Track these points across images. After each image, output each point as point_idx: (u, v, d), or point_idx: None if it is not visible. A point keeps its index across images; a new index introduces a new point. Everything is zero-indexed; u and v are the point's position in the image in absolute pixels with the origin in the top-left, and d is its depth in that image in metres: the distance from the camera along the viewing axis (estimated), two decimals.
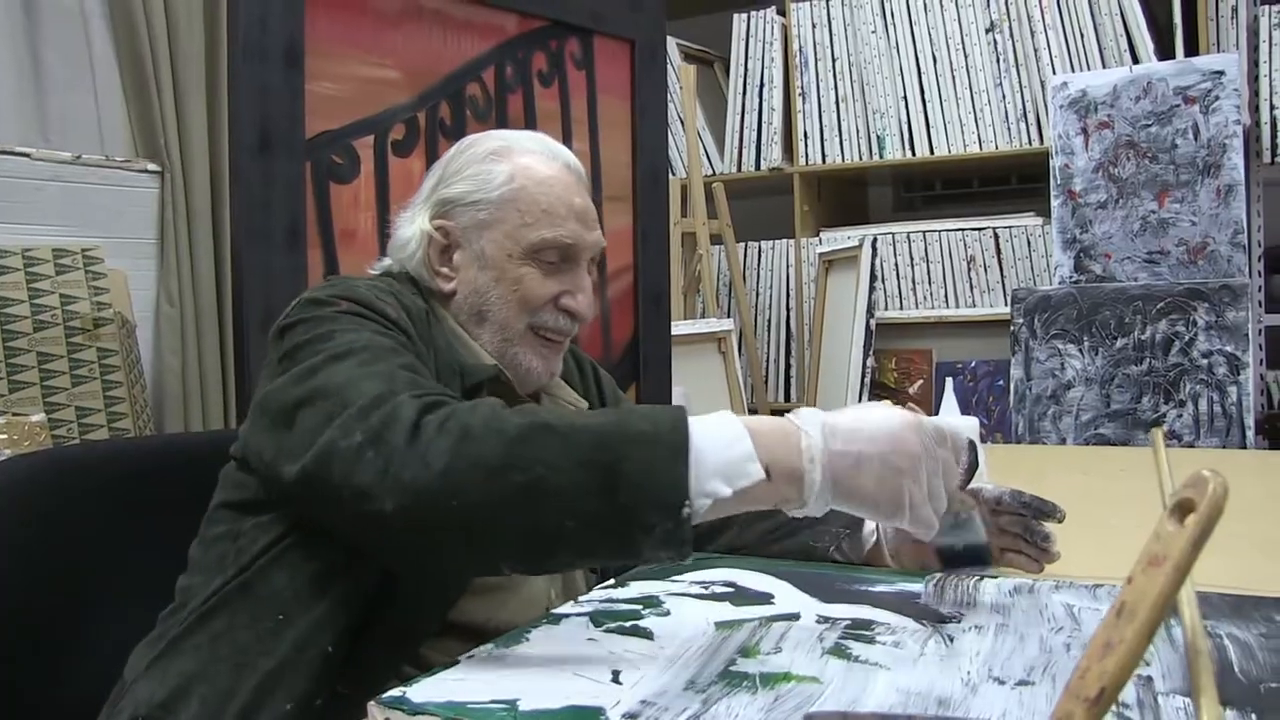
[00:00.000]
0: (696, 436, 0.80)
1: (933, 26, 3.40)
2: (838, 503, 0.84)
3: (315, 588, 0.94)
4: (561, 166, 1.15)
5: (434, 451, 0.81)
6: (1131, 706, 0.69)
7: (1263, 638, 0.83)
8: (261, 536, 0.96)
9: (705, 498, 0.80)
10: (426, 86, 1.91)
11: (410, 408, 0.84)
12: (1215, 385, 2.63)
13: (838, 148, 3.57)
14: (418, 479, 0.81)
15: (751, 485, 0.81)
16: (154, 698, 0.93)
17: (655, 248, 2.39)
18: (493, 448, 0.80)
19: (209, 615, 0.95)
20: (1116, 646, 0.47)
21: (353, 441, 0.84)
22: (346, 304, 1.00)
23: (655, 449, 0.79)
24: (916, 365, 3.50)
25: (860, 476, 0.83)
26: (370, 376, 0.89)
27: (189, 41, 2.43)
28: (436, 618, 0.99)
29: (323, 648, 0.92)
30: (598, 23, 2.22)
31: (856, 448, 0.83)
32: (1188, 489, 0.49)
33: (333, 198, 1.77)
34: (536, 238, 1.10)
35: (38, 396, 1.98)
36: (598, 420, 0.83)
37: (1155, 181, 2.82)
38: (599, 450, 0.79)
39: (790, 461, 0.82)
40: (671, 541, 0.79)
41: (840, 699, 0.71)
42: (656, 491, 0.78)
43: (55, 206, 2.20)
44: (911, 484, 0.83)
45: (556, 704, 0.70)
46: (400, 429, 0.83)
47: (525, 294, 1.11)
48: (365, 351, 0.93)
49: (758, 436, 0.82)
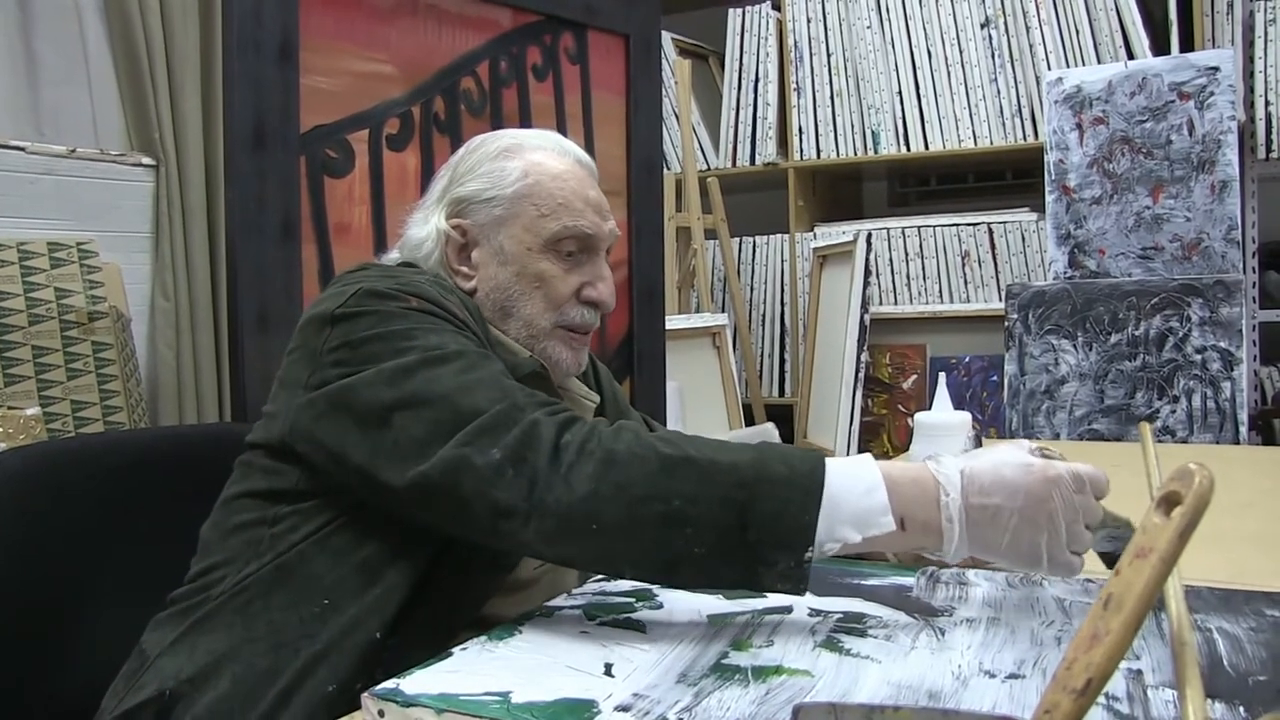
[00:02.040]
0: (833, 482, 0.83)
1: (928, 22, 3.40)
2: (974, 552, 0.86)
3: (362, 575, 0.95)
4: (573, 161, 1.16)
5: (577, 475, 0.84)
6: (1121, 699, 0.69)
7: (1252, 631, 0.84)
8: (303, 524, 0.97)
9: (834, 542, 0.83)
10: (421, 81, 1.91)
11: (549, 427, 0.87)
12: (1209, 381, 2.64)
13: (832, 143, 3.57)
14: (561, 501, 0.84)
15: (882, 535, 0.84)
16: (181, 673, 0.94)
17: (649, 242, 2.39)
18: (637, 477, 0.83)
19: (242, 595, 0.96)
20: (1103, 638, 0.47)
21: (490, 458, 0.86)
22: (417, 301, 0.99)
23: (790, 492, 0.82)
24: (910, 360, 3.50)
25: (997, 531, 0.84)
26: (478, 386, 0.91)
27: (184, 35, 2.43)
28: (471, 613, 1.01)
29: (370, 634, 0.93)
30: (592, 17, 2.22)
31: (995, 501, 0.84)
32: (1174, 482, 0.50)
33: (327, 192, 1.77)
34: (556, 228, 1.11)
35: (33, 390, 1.98)
36: (739, 457, 0.85)
37: (1150, 177, 2.82)
38: (737, 489, 0.82)
39: (927, 515, 0.85)
40: (790, 578, 0.82)
41: (832, 692, 0.72)
42: (785, 535, 0.81)
43: (50, 200, 2.20)
44: (1049, 537, 0.84)
45: (549, 696, 0.70)
46: (543, 449, 0.85)
47: (549, 292, 1.12)
48: (461, 358, 0.94)
49: (894, 487, 0.85)
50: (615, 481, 0.83)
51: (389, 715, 0.70)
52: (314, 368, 0.97)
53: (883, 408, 3.54)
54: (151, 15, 2.36)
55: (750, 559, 0.82)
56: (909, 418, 3.44)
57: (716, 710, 0.68)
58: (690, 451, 0.85)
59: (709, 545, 0.82)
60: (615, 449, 0.85)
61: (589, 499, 0.83)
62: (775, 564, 0.82)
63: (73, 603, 1.11)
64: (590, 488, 0.83)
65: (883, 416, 3.54)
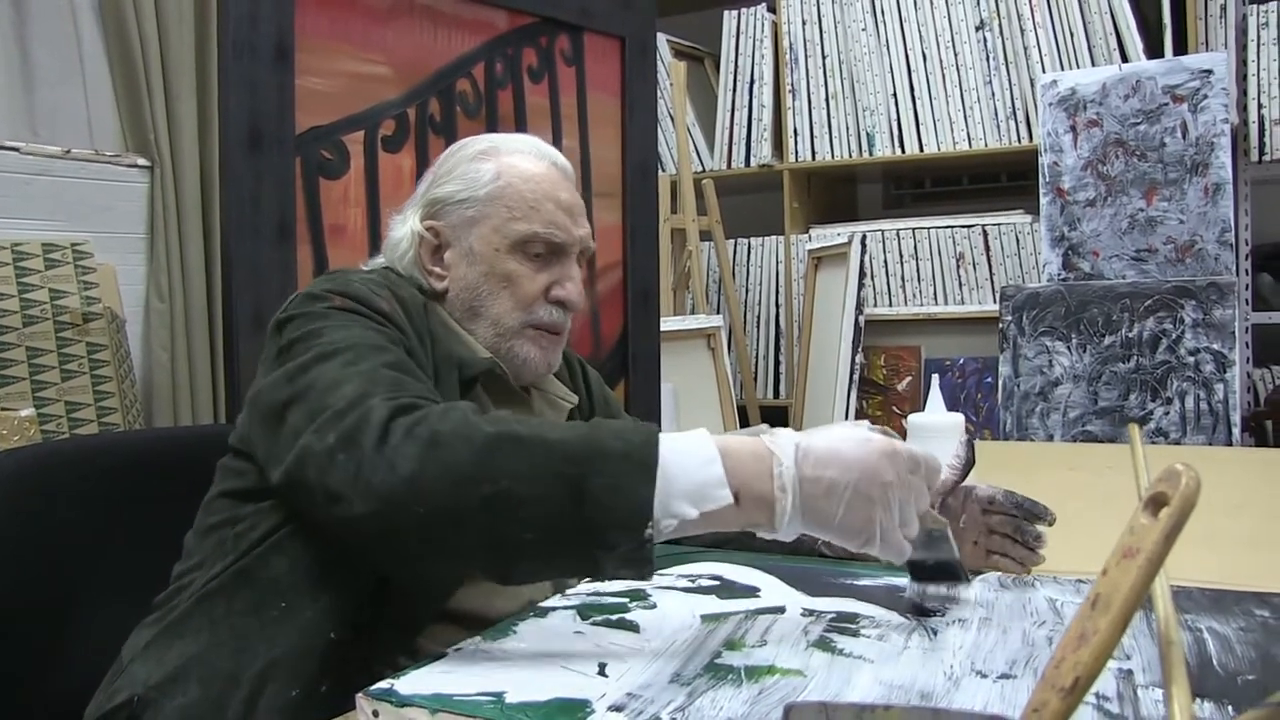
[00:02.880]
0: (667, 457, 0.80)
1: (922, 24, 3.41)
2: (807, 528, 0.83)
3: (317, 576, 0.95)
4: (549, 165, 1.17)
5: (401, 456, 0.82)
6: (1112, 699, 0.70)
7: (1241, 631, 0.84)
8: (261, 522, 0.97)
9: (671, 519, 0.80)
10: (416, 82, 1.91)
11: (381, 410, 0.85)
12: (1202, 383, 2.65)
13: (828, 145, 3.58)
14: (385, 483, 0.82)
15: (719, 509, 0.80)
16: (150, 679, 0.94)
17: (644, 244, 2.39)
18: (461, 456, 0.81)
19: (208, 599, 0.96)
20: (1091, 637, 0.48)
21: (326, 444, 0.85)
22: (340, 299, 1.01)
23: (624, 465, 0.79)
24: (905, 362, 3.51)
25: (831, 504, 0.82)
26: (352, 377, 0.90)
27: (179, 36, 2.43)
28: (436, 607, 1.00)
29: (326, 635, 0.93)
30: (588, 19, 2.23)
31: (830, 474, 0.82)
32: (1161, 483, 0.50)
33: (322, 193, 1.77)
34: (524, 230, 1.12)
35: (27, 391, 1.98)
36: (568, 434, 0.83)
37: (1143, 179, 2.83)
38: (567, 464, 0.79)
39: (761, 487, 0.82)
40: (633, 561, 0.79)
41: (824, 692, 0.72)
42: (621, 510, 0.78)
43: (44, 201, 2.20)
44: (882, 512, 0.82)
45: (543, 696, 0.71)
46: (370, 432, 0.83)
47: (517, 292, 1.12)
48: (350, 350, 0.94)
49: (730, 459, 0.82)
50: (440, 461, 0.81)
51: (383, 715, 0.71)
52: (264, 373, 1.00)
53: (877, 409, 3.54)
54: (147, 16, 2.36)
55: (587, 542, 0.79)
56: (904, 419, 3.45)
57: (710, 710, 0.68)
58: (519, 430, 0.82)
59: (542, 527, 0.79)
60: (440, 429, 0.82)
61: (412, 480, 0.81)
62: (615, 547, 0.78)
63: (67, 605, 1.11)
64: (412, 468, 0.81)
65: (877, 418, 3.55)
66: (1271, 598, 0.93)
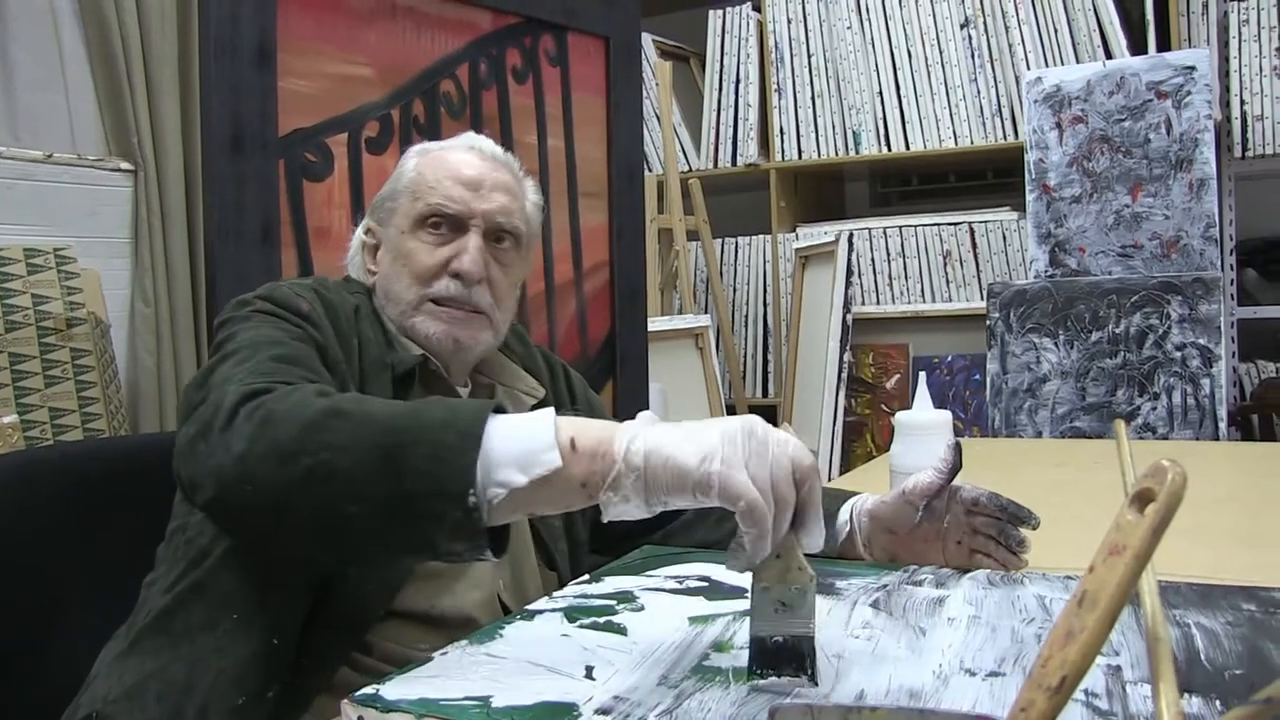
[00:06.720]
0: (495, 427, 0.76)
1: (907, 22, 3.42)
2: (651, 478, 0.74)
3: (263, 584, 0.95)
4: (467, 150, 1.19)
5: (236, 437, 0.82)
6: (1100, 695, 0.69)
7: (1229, 626, 0.84)
8: (208, 527, 0.98)
9: (499, 488, 0.75)
10: (400, 83, 1.90)
11: (233, 395, 0.85)
12: (1189, 378, 2.66)
13: (814, 143, 3.58)
14: (221, 465, 0.82)
15: (549, 473, 0.75)
16: (109, 694, 0.95)
17: (631, 244, 2.39)
18: (287, 432, 0.80)
19: (166, 615, 0.97)
20: (1078, 635, 0.47)
21: (187, 434, 0.87)
22: (261, 303, 1.04)
23: (444, 436, 0.76)
24: (893, 360, 3.51)
25: (674, 434, 0.75)
26: (240, 374, 0.90)
27: (161, 38, 2.41)
28: (381, 606, 1.00)
29: (271, 641, 0.94)
30: (572, 19, 2.22)
31: (680, 428, 0.76)
32: (1147, 479, 0.50)
33: (306, 196, 1.76)
34: (420, 207, 1.15)
35: (10, 398, 1.96)
36: (395, 408, 0.81)
37: (1129, 176, 2.84)
38: (386, 435, 0.77)
39: (600, 434, 0.76)
40: (464, 533, 0.75)
41: (812, 693, 0.72)
42: (441, 479, 0.75)
43: (26, 206, 2.18)
44: (725, 444, 0.73)
45: (529, 700, 0.70)
46: (220, 418, 0.84)
47: (413, 267, 1.14)
48: (249, 348, 0.95)
49: (572, 428, 0.77)
50: (266, 438, 0.80)
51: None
52: None
53: (866, 407, 3.55)
54: (128, 19, 2.35)
55: (411, 512, 0.76)
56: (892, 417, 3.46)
57: (697, 712, 0.68)
58: (345, 405, 0.81)
59: (364, 501, 0.77)
60: (276, 409, 0.82)
61: (242, 459, 0.81)
62: (441, 516, 0.74)
63: (51, 615, 1.10)
64: (243, 448, 0.81)
65: (866, 416, 3.55)
66: (1259, 592, 0.93)
